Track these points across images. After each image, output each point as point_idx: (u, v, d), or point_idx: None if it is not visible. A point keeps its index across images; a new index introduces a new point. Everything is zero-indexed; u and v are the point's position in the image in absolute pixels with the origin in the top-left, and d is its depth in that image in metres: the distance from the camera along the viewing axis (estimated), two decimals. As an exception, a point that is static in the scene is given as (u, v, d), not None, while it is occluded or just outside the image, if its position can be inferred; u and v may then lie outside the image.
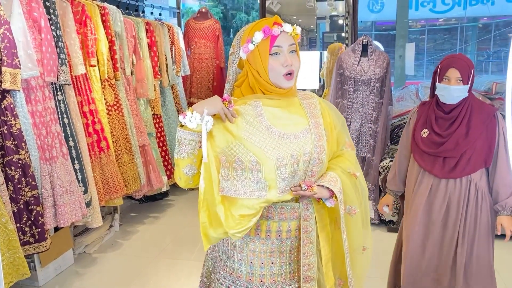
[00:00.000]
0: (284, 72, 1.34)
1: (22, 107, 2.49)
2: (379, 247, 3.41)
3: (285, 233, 1.42)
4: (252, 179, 1.31)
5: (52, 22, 2.66)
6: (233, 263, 1.45)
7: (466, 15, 14.88)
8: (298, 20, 8.14)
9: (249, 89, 1.41)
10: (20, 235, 2.44)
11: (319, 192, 1.36)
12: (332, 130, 1.46)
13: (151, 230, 3.81)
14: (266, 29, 1.33)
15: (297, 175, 1.35)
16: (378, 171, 3.56)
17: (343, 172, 1.44)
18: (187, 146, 1.30)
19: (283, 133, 1.35)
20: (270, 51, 1.34)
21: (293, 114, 1.39)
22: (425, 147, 2.02)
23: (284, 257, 1.44)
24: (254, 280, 1.43)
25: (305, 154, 1.35)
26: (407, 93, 4.87)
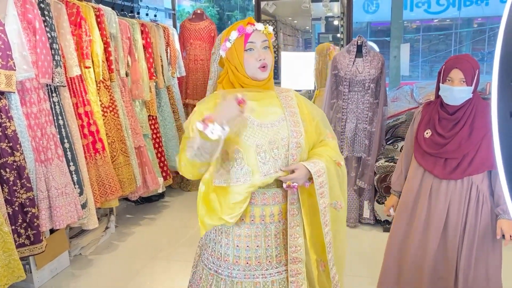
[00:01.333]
0: (258, 65, 1.49)
1: (17, 109, 2.49)
2: (375, 247, 3.42)
3: (268, 218, 1.53)
4: (237, 167, 1.46)
5: (47, 24, 2.66)
6: (220, 248, 1.56)
7: (461, 15, 14.97)
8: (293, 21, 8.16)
9: (229, 83, 1.55)
10: (15, 237, 2.43)
11: (298, 176, 1.46)
12: (310, 120, 1.59)
13: (147, 232, 3.81)
14: (240, 28, 1.49)
15: (279, 159, 1.48)
16: (374, 171, 3.58)
17: (328, 161, 1.56)
18: (207, 154, 1.37)
19: (261, 123, 1.50)
20: (244, 47, 1.49)
21: (270, 105, 1.54)
22: (427, 147, 2.01)
23: (270, 241, 1.54)
24: (240, 263, 1.54)
25: (283, 139, 1.50)
26: (402, 93, 4.88)
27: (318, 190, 1.50)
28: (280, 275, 1.55)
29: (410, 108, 4.24)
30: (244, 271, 1.53)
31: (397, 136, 4.01)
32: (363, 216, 3.71)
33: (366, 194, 3.67)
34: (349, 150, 3.61)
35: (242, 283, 1.53)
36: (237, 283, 1.53)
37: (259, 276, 1.53)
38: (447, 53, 15.04)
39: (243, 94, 1.40)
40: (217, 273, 1.57)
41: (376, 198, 3.68)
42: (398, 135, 4.00)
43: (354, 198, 3.69)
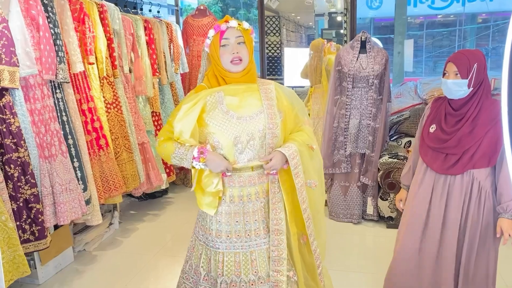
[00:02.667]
0: (231, 58, 1.66)
1: (21, 105, 2.49)
2: (378, 243, 3.42)
3: (246, 197, 1.75)
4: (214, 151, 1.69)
5: (50, 20, 2.66)
6: (206, 223, 1.80)
7: (465, 11, 14.88)
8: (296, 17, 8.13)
9: (213, 76, 1.74)
10: (20, 233, 2.44)
11: (276, 161, 1.68)
12: (289, 111, 1.79)
13: (151, 228, 3.81)
14: (216, 27, 1.69)
15: (255, 148, 1.70)
16: (377, 167, 3.57)
17: (301, 144, 1.78)
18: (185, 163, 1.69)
19: (240, 116, 1.69)
20: (220, 43, 1.68)
21: (250, 99, 1.72)
22: (430, 142, 2.02)
23: (248, 217, 1.76)
24: (222, 236, 1.77)
25: (260, 131, 1.69)
26: (405, 89, 4.86)
27: (294, 171, 1.73)
28: (258, 247, 1.77)
29: (414, 104, 4.22)
30: (226, 243, 1.76)
31: (401, 132, 3.99)
32: (367, 213, 3.71)
33: (369, 190, 3.67)
34: (353, 147, 3.60)
35: (224, 253, 1.76)
36: (220, 253, 1.76)
37: (238, 247, 1.76)
38: (451, 49, 14.97)
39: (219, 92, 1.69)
40: (205, 244, 1.81)
41: (379, 195, 3.67)
42: (402, 131, 3.99)
43: (357, 194, 3.69)
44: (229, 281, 1.75)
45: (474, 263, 2.02)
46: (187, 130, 1.65)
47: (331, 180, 3.78)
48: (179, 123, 1.66)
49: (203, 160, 1.64)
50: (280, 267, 1.75)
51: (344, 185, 3.71)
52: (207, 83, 1.76)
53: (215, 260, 1.77)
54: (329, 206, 3.83)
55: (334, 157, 3.68)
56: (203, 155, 1.64)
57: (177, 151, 1.68)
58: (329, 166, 3.68)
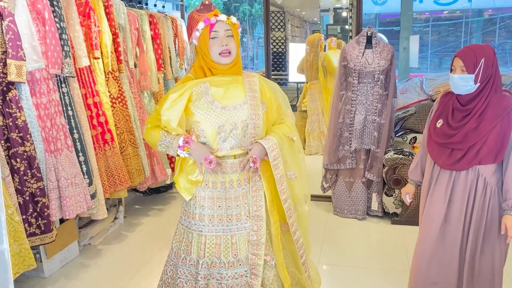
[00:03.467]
0: (220, 50, 1.73)
1: (27, 99, 2.50)
2: (383, 239, 3.41)
3: (228, 184, 1.83)
4: (198, 140, 1.77)
5: (56, 14, 2.66)
6: (189, 208, 1.89)
7: (471, 7, 14.77)
8: (301, 13, 8.11)
9: (200, 67, 1.81)
10: (26, 226, 2.45)
11: (257, 151, 1.77)
12: (271, 103, 1.87)
13: (156, 222, 3.83)
14: (205, 19, 1.74)
15: (238, 137, 1.77)
16: (383, 163, 3.56)
17: (281, 137, 1.86)
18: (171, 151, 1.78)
19: (224, 106, 1.76)
20: (209, 35, 1.74)
21: (234, 90, 1.79)
22: (437, 137, 2.00)
23: (230, 202, 1.84)
24: (204, 220, 1.85)
25: (242, 121, 1.77)
26: (411, 85, 4.85)
27: (272, 162, 1.81)
28: (239, 231, 1.85)
29: (419, 100, 4.21)
30: (208, 227, 1.85)
31: (406, 128, 3.98)
32: (372, 209, 3.70)
33: (374, 186, 3.66)
34: (358, 142, 3.59)
35: (206, 236, 1.84)
36: (202, 236, 1.85)
37: (220, 230, 1.85)
38: (457, 45, 14.88)
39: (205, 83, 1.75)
40: (187, 228, 1.89)
41: (384, 191, 3.66)
42: (407, 127, 3.97)
43: (362, 190, 3.68)
44: (210, 262, 1.84)
45: (478, 260, 2.00)
46: (174, 119, 1.72)
47: (336, 176, 3.77)
48: (167, 111, 1.73)
49: (187, 149, 1.72)
50: (259, 251, 1.83)
51: (349, 181, 3.71)
52: (194, 74, 1.82)
53: (197, 243, 1.85)
54: (334, 201, 3.82)
55: (339, 152, 3.67)
56: (188, 144, 1.72)
57: (163, 139, 1.77)
58: (334, 162, 3.68)
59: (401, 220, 3.56)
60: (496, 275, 2.02)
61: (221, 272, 1.84)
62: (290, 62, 6.30)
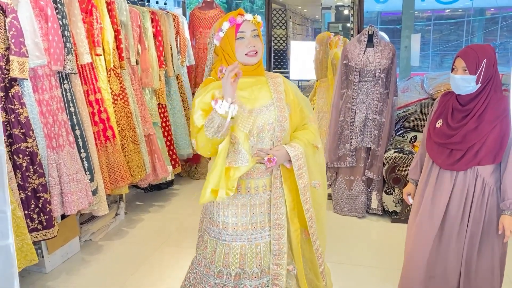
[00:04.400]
0: (247, 51, 1.66)
1: (29, 95, 2.51)
2: (382, 237, 3.43)
3: (253, 189, 1.75)
4: (234, 151, 1.66)
5: (58, 11, 2.67)
6: (213, 215, 1.80)
7: (473, 5, 14.74)
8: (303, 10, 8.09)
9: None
10: (28, 222, 2.47)
11: (279, 156, 1.68)
12: (295, 105, 1.79)
13: (156, 219, 3.85)
14: (231, 19, 1.66)
15: (264, 141, 1.69)
16: (383, 162, 3.57)
17: (306, 144, 1.78)
18: (226, 130, 1.56)
19: (251, 109, 1.67)
20: (235, 36, 1.66)
21: (259, 91, 1.71)
22: (436, 137, 2.02)
23: (254, 209, 1.76)
24: (228, 228, 1.77)
25: (269, 124, 1.69)
26: (412, 84, 4.85)
27: (297, 172, 1.74)
28: (263, 239, 1.78)
29: (420, 99, 4.21)
30: (232, 236, 1.76)
31: (406, 127, 3.99)
32: (371, 207, 3.72)
33: (374, 184, 3.67)
34: (358, 141, 3.60)
35: (230, 245, 1.76)
36: (226, 245, 1.77)
37: (244, 240, 1.76)
38: (458, 44, 14.87)
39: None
40: (211, 237, 1.81)
41: (384, 189, 3.68)
42: (407, 126, 3.98)
43: (362, 188, 3.69)
44: (234, 274, 1.77)
45: (476, 260, 2.02)
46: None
47: (336, 174, 3.79)
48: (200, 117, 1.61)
49: (221, 98, 1.53)
50: (280, 260, 1.77)
51: (349, 179, 3.72)
52: (215, 76, 1.73)
53: (220, 252, 1.78)
54: (334, 200, 3.84)
55: (339, 151, 3.68)
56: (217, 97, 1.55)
57: (205, 121, 1.58)
58: (334, 160, 3.69)
59: (401, 219, 3.57)
60: (495, 275, 2.03)
61: (245, 284, 1.77)
62: (292, 60, 6.31)
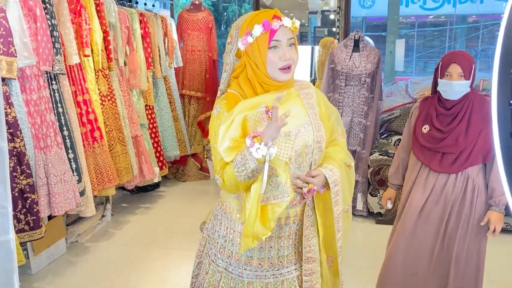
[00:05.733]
0: (281, 65, 1.36)
1: (17, 95, 2.50)
2: (367, 238, 3.49)
3: (284, 220, 1.47)
4: (272, 184, 1.36)
5: (47, 11, 2.67)
6: (231, 247, 1.50)
7: (456, 12, 15.03)
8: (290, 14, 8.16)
9: (247, 81, 1.42)
10: (15, 222, 2.45)
11: (318, 183, 1.43)
12: (327, 120, 1.52)
13: (143, 221, 3.84)
14: (265, 23, 1.33)
15: (302, 166, 1.43)
16: (368, 164, 3.63)
17: (341, 165, 1.51)
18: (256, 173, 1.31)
19: (287, 132, 1.38)
20: (269, 44, 1.35)
21: (293, 108, 1.41)
22: (425, 142, 2.04)
23: (282, 242, 1.49)
24: (253, 263, 1.49)
25: (308, 147, 1.42)
26: (396, 88, 4.93)
27: (334, 198, 1.48)
28: (290, 274, 1.52)
29: (404, 103, 4.29)
30: (256, 272, 1.50)
31: (391, 130, 4.07)
32: (357, 208, 3.77)
33: (359, 186, 3.73)
34: (344, 143, 3.66)
35: (254, 283, 1.50)
36: (248, 283, 1.50)
37: (270, 276, 1.50)
38: (441, 49, 15.14)
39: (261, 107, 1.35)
40: (226, 271, 1.52)
41: (369, 191, 3.74)
42: (392, 130, 4.06)
43: (348, 190, 3.75)
44: None
45: (465, 257, 2.07)
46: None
47: (322, 176, 3.83)
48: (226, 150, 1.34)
49: (258, 140, 1.26)
50: None
51: (335, 181, 3.77)
52: (239, 90, 1.43)
53: None
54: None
55: (325, 153, 3.73)
56: (256, 134, 1.27)
57: (235, 161, 1.31)
58: (320, 162, 3.74)
59: (385, 220, 3.64)
60: (480, 270, 2.10)
61: None
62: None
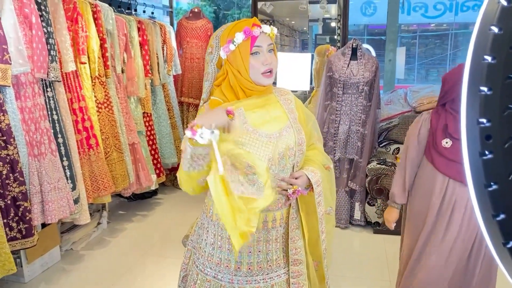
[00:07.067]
0: (263, 70, 1.42)
1: (11, 103, 2.49)
2: (365, 248, 3.45)
3: (270, 223, 1.50)
4: (249, 182, 1.33)
5: (43, 19, 2.67)
6: (220, 253, 1.51)
7: (457, 20, 15.08)
8: (291, 22, 8.18)
9: (229, 88, 1.46)
10: (7, 230, 2.43)
11: (301, 184, 1.46)
12: (305, 124, 1.58)
13: (139, 228, 3.82)
14: (247, 30, 1.39)
15: (285, 168, 1.47)
16: (366, 173, 3.61)
17: (321, 167, 1.56)
18: (202, 160, 1.27)
19: (269, 134, 1.44)
20: (250, 50, 1.41)
21: (273, 111, 1.49)
22: (453, 156, 1.95)
23: (270, 246, 1.52)
24: (242, 268, 1.50)
25: (290, 149, 1.47)
26: (395, 97, 4.92)
27: (317, 199, 1.52)
28: (279, 278, 1.54)
29: (403, 112, 4.27)
30: (246, 277, 1.51)
31: (390, 139, 4.04)
32: (354, 218, 3.74)
33: (357, 195, 3.71)
34: (342, 152, 3.64)
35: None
36: None
37: (260, 281, 1.52)
38: (443, 58, 15.15)
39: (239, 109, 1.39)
40: (215, 279, 1.52)
41: (367, 200, 3.71)
42: (391, 138, 4.03)
43: (345, 199, 3.72)
44: None
45: (481, 264, 2.04)
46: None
47: (320, 185, 3.81)
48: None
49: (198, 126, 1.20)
50: None
51: (333, 190, 3.75)
52: (222, 97, 1.47)
53: None
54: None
55: (323, 162, 3.71)
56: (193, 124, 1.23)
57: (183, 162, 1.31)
58: (318, 171, 3.72)
59: (383, 230, 3.60)
60: (493, 276, 2.07)
61: None
62: (279, 71, 6.37)
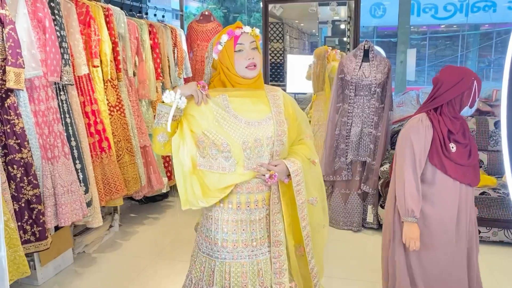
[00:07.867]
0: (247, 64, 1.63)
1: (25, 106, 2.51)
2: (378, 251, 3.41)
3: (253, 204, 1.69)
4: (224, 158, 1.62)
5: (56, 23, 2.69)
6: (210, 233, 1.73)
7: (468, 22, 14.93)
8: (300, 24, 8.17)
9: (220, 82, 1.70)
10: (21, 233, 2.45)
11: (279, 171, 1.64)
12: (293, 120, 1.76)
13: (151, 231, 3.82)
14: (229, 32, 1.65)
15: (263, 155, 1.65)
16: (378, 176, 3.57)
17: (304, 160, 1.74)
18: (162, 118, 1.60)
19: (249, 121, 1.64)
20: (234, 48, 1.64)
21: (258, 104, 1.69)
22: (461, 160, 1.96)
23: (254, 225, 1.71)
24: (227, 245, 1.70)
25: (268, 138, 1.65)
26: (407, 98, 4.89)
27: (295, 188, 1.69)
28: (264, 256, 1.72)
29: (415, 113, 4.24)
30: (232, 253, 1.70)
31: (402, 141, 4.00)
32: (367, 221, 3.71)
33: (370, 198, 3.67)
34: (354, 154, 3.61)
35: (231, 264, 1.70)
36: (226, 263, 1.70)
37: (245, 257, 1.70)
38: (453, 59, 15.02)
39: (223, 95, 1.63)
40: (209, 256, 1.74)
41: (380, 203, 3.67)
42: (403, 140, 3.99)
43: (358, 202, 3.69)
44: None
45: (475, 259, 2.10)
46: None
47: (332, 187, 3.79)
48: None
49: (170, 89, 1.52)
50: (282, 279, 1.72)
51: (345, 193, 3.72)
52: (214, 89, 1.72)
53: (220, 271, 1.71)
54: (329, 213, 3.83)
55: (335, 164, 3.69)
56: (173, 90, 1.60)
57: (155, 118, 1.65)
58: (330, 174, 3.69)
59: (396, 233, 3.56)
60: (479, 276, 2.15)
61: None
62: (288, 73, 6.35)
